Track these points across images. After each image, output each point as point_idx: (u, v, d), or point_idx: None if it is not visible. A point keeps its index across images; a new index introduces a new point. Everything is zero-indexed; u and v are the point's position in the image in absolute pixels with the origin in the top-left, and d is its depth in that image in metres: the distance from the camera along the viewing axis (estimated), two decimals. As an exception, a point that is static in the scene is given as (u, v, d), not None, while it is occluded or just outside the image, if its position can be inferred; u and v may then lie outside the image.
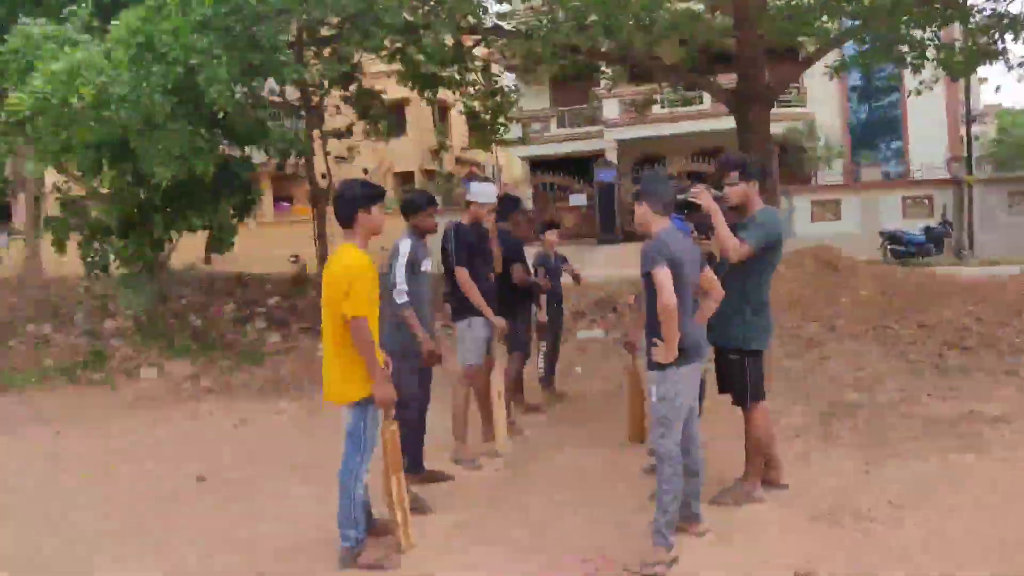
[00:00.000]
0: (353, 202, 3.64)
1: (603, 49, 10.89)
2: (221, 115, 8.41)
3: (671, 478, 3.54)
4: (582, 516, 4.08)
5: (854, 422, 5.46)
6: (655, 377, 3.56)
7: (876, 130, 25.37)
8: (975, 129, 23.43)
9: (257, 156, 11.18)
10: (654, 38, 10.88)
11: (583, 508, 4.19)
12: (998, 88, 48.09)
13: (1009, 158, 24.54)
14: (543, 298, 6.50)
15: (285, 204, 26.43)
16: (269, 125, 9.87)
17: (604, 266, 16.75)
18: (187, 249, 13.17)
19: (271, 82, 9.53)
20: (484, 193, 5.25)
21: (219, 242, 11.26)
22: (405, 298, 4.43)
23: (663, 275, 3.48)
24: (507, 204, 5.94)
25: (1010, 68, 9.57)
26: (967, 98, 19.53)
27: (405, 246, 4.52)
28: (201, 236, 11.54)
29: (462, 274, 5.04)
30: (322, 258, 17.74)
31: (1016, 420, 5.21)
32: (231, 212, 11.23)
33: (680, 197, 4.27)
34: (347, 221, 3.66)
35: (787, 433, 5.29)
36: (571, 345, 9.23)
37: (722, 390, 4.28)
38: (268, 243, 21.10)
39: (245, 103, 8.77)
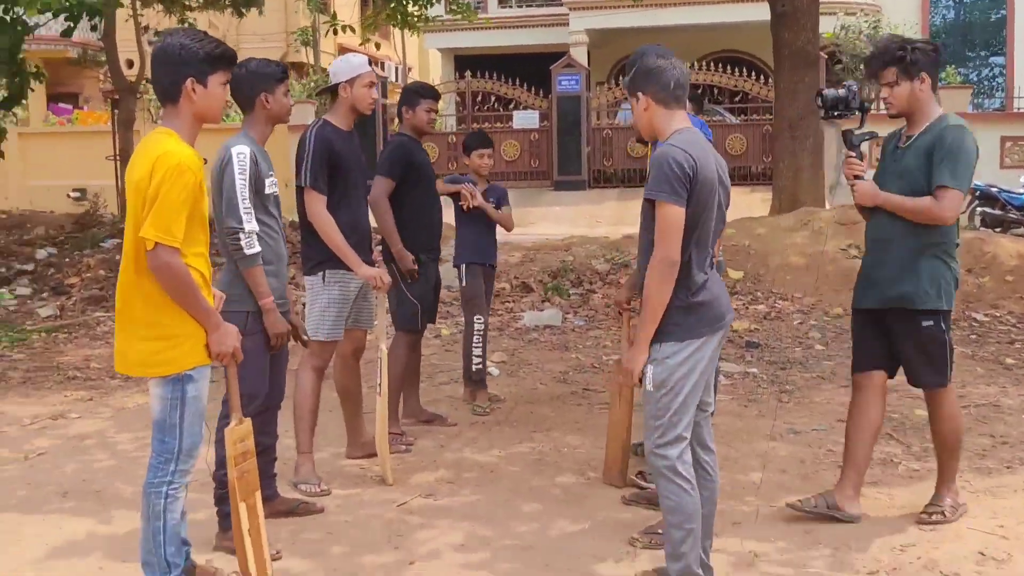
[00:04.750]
0: (178, 66, 3.58)
1: None
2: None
3: (680, 504, 3.62)
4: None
5: (924, 446, 5.65)
6: (652, 353, 3.62)
7: (969, 39, 26.18)
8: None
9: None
10: None
11: (525, 563, 4.23)
12: None
13: None
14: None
15: (66, 107, 25.66)
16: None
17: (563, 222, 16.94)
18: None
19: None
20: (348, 65, 5.26)
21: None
22: (256, 246, 4.27)
23: (673, 214, 3.52)
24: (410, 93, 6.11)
25: None
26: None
27: (241, 152, 4.33)
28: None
29: (312, 199, 5.04)
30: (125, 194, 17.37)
31: None
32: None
33: (833, 92, 4.43)
34: (168, 94, 3.59)
35: (832, 460, 5.49)
36: (507, 335, 9.30)
37: (891, 372, 4.59)
38: (38, 166, 20.55)
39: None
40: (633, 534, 4.42)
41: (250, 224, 4.26)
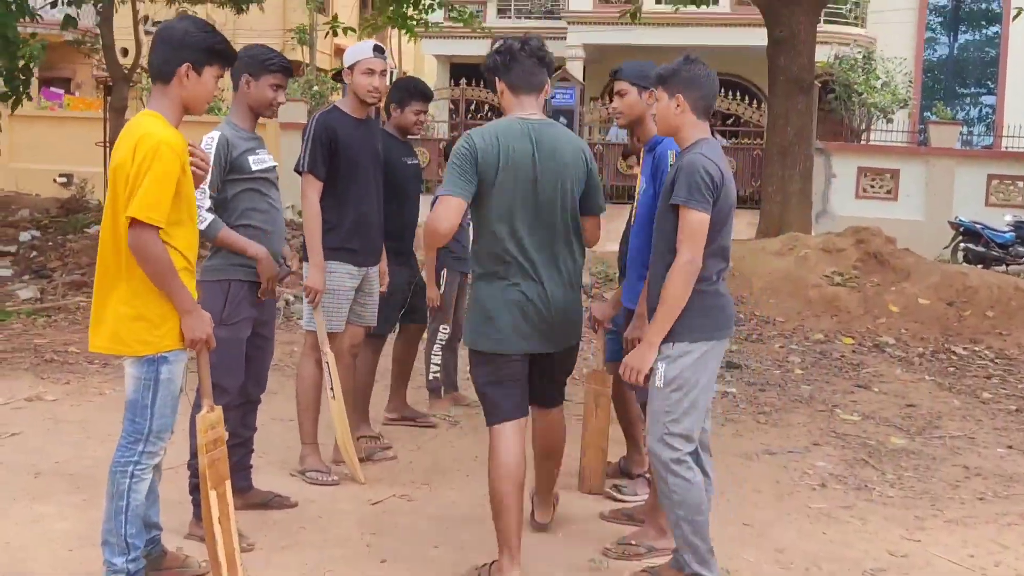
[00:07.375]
0: (179, 49, 3.61)
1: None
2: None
3: (685, 498, 3.76)
4: None
5: (899, 473, 5.70)
6: (664, 351, 3.78)
7: (961, 76, 26.40)
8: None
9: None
10: None
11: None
12: None
13: None
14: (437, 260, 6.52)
15: (57, 91, 25.55)
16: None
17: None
18: None
19: None
20: (352, 52, 5.23)
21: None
22: (204, 218, 4.24)
23: (701, 220, 3.70)
24: (401, 91, 5.89)
25: None
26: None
27: (208, 137, 4.42)
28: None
29: (305, 183, 5.07)
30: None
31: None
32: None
33: None
34: (161, 74, 3.62)
35: (807, 482, 5.52)
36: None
37: None
38: (25, 149, 20.45)
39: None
40: (607, 544, 4.43)
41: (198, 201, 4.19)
